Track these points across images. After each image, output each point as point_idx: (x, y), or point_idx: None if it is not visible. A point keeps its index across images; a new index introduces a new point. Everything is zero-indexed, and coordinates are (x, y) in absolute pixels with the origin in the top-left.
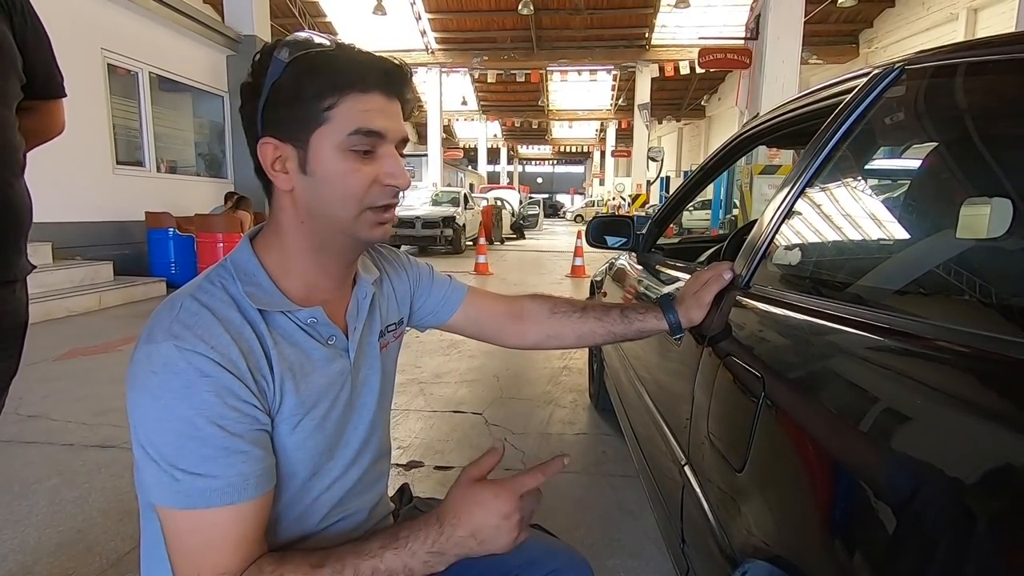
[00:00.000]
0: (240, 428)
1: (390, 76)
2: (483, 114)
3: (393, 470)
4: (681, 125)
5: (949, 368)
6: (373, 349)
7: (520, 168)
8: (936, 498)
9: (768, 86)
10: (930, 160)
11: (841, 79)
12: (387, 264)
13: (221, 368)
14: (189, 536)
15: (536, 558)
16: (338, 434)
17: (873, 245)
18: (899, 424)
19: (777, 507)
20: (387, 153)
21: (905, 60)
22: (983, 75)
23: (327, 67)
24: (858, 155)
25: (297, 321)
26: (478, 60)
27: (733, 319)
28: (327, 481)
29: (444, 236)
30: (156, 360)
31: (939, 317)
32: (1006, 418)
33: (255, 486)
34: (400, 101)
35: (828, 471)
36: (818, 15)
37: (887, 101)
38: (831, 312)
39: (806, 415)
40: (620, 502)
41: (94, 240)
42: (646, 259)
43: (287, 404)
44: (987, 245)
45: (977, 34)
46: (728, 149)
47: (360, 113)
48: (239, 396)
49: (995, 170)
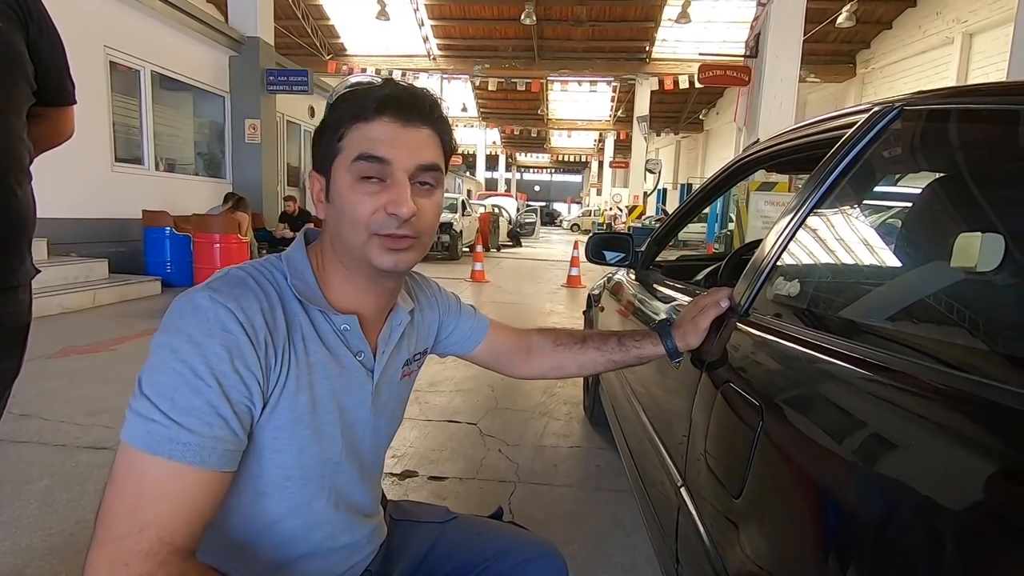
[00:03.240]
0: (235, 395)
1: (397, 102)
2: (483, 121)
3: (387, 480)
4: (679, 138)
5: (938, 405)
6: (396, 375)
7: (518, 176)
8: (930, 530)
9: (766, 104)
10: (924, 197)
11: (841, 113)
12: (421, 293)
13: (242, 329)
14: (144, 482)
15: (507, 549)
16: (340, 451)
17: (869, 280)
18: (892, 458)
19: (773, 535)
20: (396, 181)
21: (904, 100)
22: (974, 121)
23: (343, 101)
24: (857, 189)
25: (334, 325)
26: (479, 68)
27: (731, 346)
28: (320, 501)
29: (441, 242)
30: (187, 305)
31: (928, 354)
32: (989, 454)
33: (220, 457)
34: (429, 128)
35: (824, 502)
36: (817, 34)
37: (886, 138)
38: (827, 346)
39: (803, 446)
40: (613, 517)
41: (90, 237)
42: (644, 276)
43: (298, 398)
44: (977, 280)
45: (972, 58)
46: (728, 172)
47: (364, 140)
48: (247, 363)
49: (986, 208)
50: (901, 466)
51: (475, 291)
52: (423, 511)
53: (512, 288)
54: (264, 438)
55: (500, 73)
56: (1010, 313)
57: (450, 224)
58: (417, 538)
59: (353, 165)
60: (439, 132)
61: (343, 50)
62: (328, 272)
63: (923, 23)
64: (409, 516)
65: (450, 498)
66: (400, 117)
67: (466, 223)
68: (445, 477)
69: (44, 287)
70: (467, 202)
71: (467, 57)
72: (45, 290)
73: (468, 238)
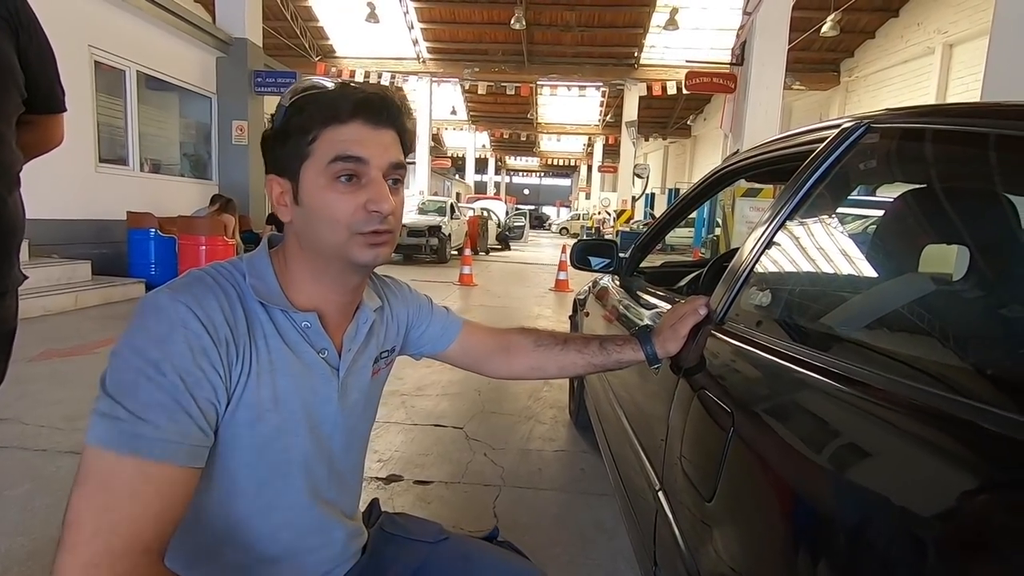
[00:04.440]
0: (198, 391)
1: (370, 105)
2: (472, 124)
3: (372, 484)
4: (667, 143)
5: (900, 416)
6: (365, 373)
7: (508, 179)
8: (892, 533)
9: (752, 111)
10: (892, 209)
11: (814, 128)
12: (389, 293)
13: (203, 327)
14: (112, 481)
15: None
16: (306, 450)
17: (837, 291)
18: (855, 466)
19: (743, 538)
20: (372, 180)
21: (871, 118)
22: (935, 139)
23: (311, 105)
24: (828, 201)
25: (294, 323)
26: (469, 71)
27: (707, 353)
28: (287, 500)
29: (429, 245)
30: (148, 305)
31: (891, 365)
32: (948, 462)
33: (187, 453)
34: (393, 130)
35: (791, 507)
36: (802, 43)
37: (854, 153)
38: (795, 355)
39: (771, 453)
40: (596, 520)
41: (73, 238)
42: (628, 283)
43: (260, 395)
44: (942, 292)
45: (952, 68)
46: (709, 182)
47: (338, 142)
48: (210, 359)
49: (948, 221)
50: (864, 474)
51: (463, 295)
52: (416, 527)
53: (500, 292)
54: (228, 435)
55: (490, 77)
56: (972, 324)
57: (438, 227)
58: (404, 557)
59: (329, 166)
60: (400, 132)
61: (332, 52)
62: (291, 272)
63: (905, 33)
64: (401, 531)
65: (435, 502)
66: (371, 119)
67: (455, 226)
68: (431, 481)
69: (26, 289)
70: (456, 205)
71: (457, 60)
72: (27, 292)
73: (456, 241)
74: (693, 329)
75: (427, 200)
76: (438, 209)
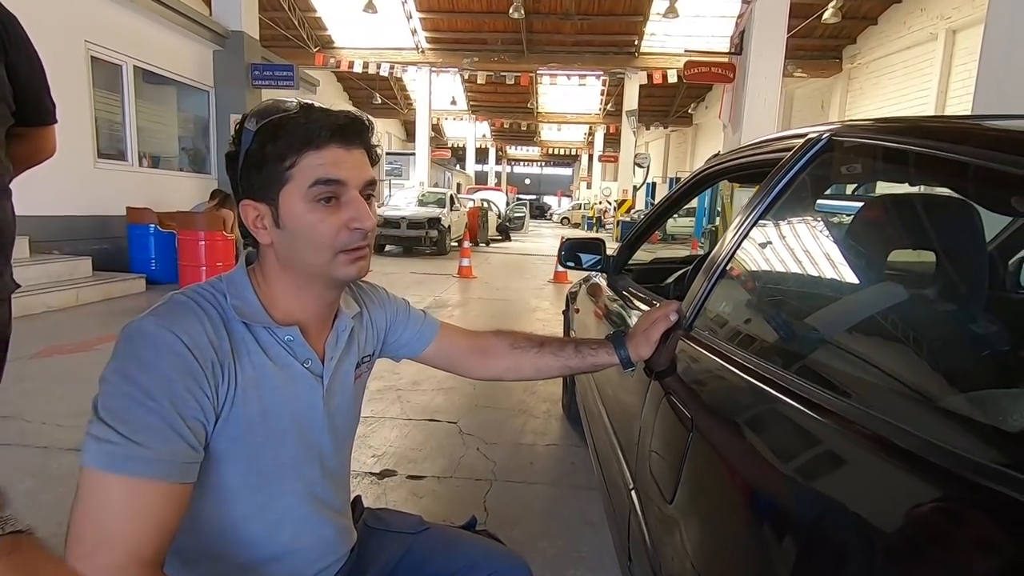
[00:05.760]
0: (187, 412)
1: (344, 129)
2: (472, 114)
3: (366, 479)
4: (668, 132)
5: (844, 432)
6: (348, 378)
7: (509, 169)
8: (837, 535)
9: (750, 101)
10: (851, 219)
11: (782, 136)
12: (367, 298)
13: (188, 351)
14: (108, 502)
15: (476, 562)
16: (297, 454)
17: (794, 304)
18: (801, 472)
19: (697, 540)
20: (352, 199)
21: (832, 130)
22: (890, 154)
23: (285, 131)
24: (791, 212)
25: (277, 338)
26: (468, 61)
27: (676, 358)
28: (281, 503)
29: (429, 237)
30: (134, 331)
31: (834, 379)
32: (882, 473)
33: (179, 470)
34: (363, 148)
35: (741, 513)
36: (804, 30)
37: (816, 163)
38: (749, 366)
39: (724, 459)
40: (584, 514)
41: (73, 234)
42: (615, 281)
43: (248, 410)
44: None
45: (955, 54)
46: (692, 182)
47: (317, 167)
48: (197, 381)
49: (910, 230)
50: (806, 484)
51: (462, 287)
52: (397, 520)
53: (500, 284)
54: (219, 449)
55: (489, 67)
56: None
57: (438, 219)
58: (389, 548)
59: (311, 190)
60: (368, 149)
61: (331, 43)
62: (272, 289)
63: (908, 19)
64: (383, 525)
65: (427, 497)
66: (345, 142)
67: (454, 218)
68: (423, 476)
69: (27, 286)
70: (455, 196)
71: (456, 51)
72: (28, 289)
73: (457, 233)
74: (665, 334)
75: (427, 192)
76: (437, 201)
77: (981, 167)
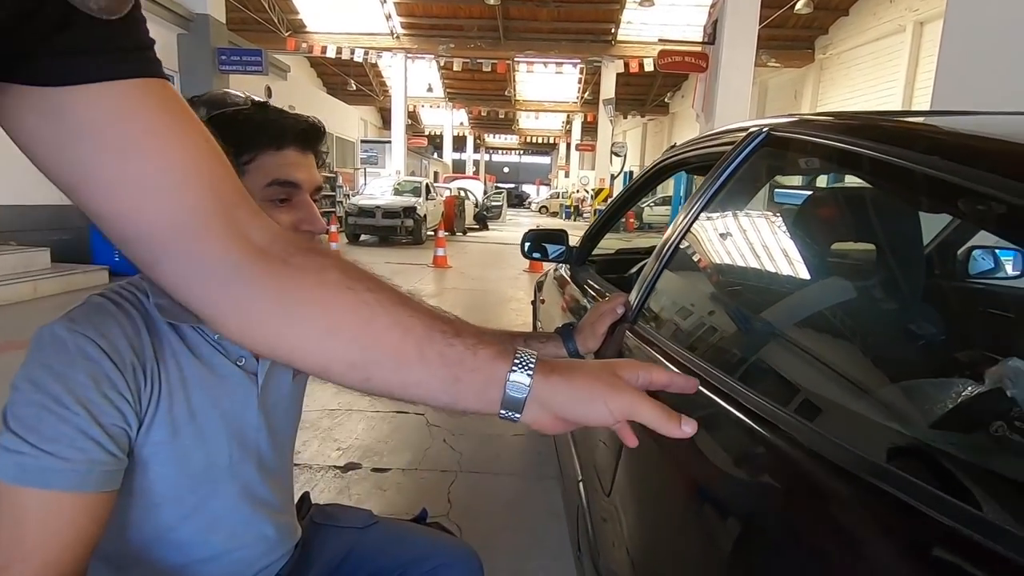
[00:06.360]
0: (105, 419)
1: (305, 134)
2: (449, 102)
3: (329, 473)
4: (645, 121)
5: (766, 431)
6: (286, 376)
7: (487, 157)
8: (757, 531)
9: (723, 91)
10: (791, 215)
11: (727, 130)
12: None
13: (105, 355)
14: (22, 514)
15: (425, 554)
16: (231, 455)
17: (725, 298)
18: (727, 470)
19: (629, 534)
20: (303, 202)
21: (771, 125)
22: (822, 152)
23: (242, 125)
24: (731, 205)
25: (207, 336)
26: (444, 47)
27: (622, 352)
28: (215, 504)
29: (405, 226)
30: (46, 336)
31: (759, 379)
32: (801, 472)
33: (98, 479)
34: (313, 153)
35: (670, 507)
36: (777, 20)
37: (756, 157)
38: (684, 362)
39: (656, 454)
40: (549, 504)
41: (30, 224)
42: (576, 272)
43: (173, 412)
44: (835, 307)
45: (923, 47)
46: (650, 174)
47: (275, 167)
48: (116, 387)
49: (842, 226)
50: (735, 479)
51: (437, 277)
52: (345, 515)
53: (476, 274)
54: (145, 454)
55: (465, 53)
56: (849, 330)
57: (413, 208)
58: (335, 543)
59: (266, 189)
60: (317, 156)
61: (303, 27)
62: None
63: (878, 11)
64: (330, 520)
65: (391, 490)
66: (303, 146)
67: (430, 207)
68: (388, 469)
69: None
70: (432, 185)
71: (432, 36)
72: None
73: (433, 222)
74: (612, 327)
75: (402, 180)
76: (413, 190)
77: (898, 166)
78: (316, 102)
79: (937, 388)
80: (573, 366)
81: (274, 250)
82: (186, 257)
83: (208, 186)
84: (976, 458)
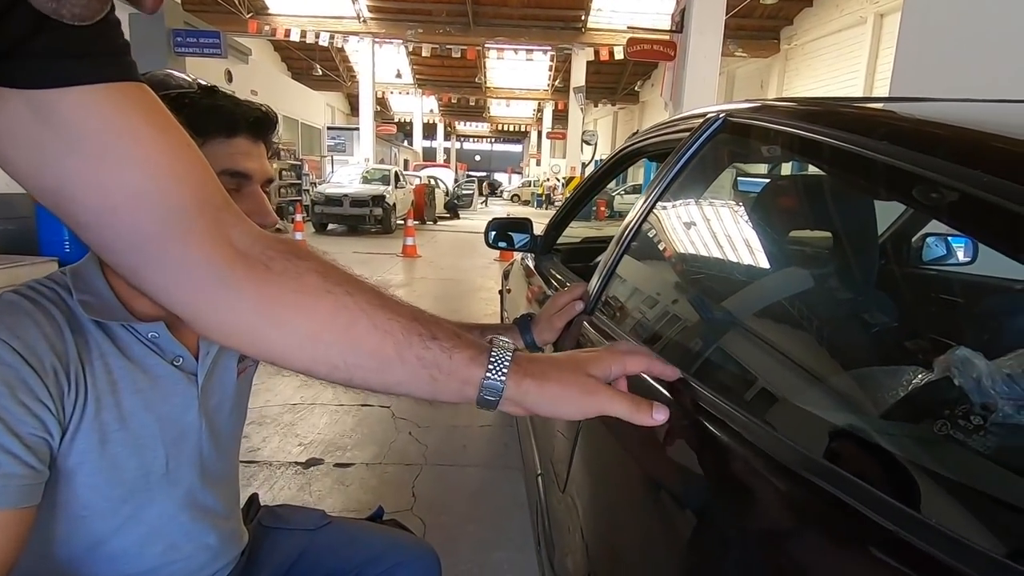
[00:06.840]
0: (22, 428)
1: (258, 122)
2: (419, 88)
3: (290, 470)
4: (616, 109)
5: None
6: (229, 374)
7: (458, 145)
8: (707, 530)
9: (691, 79)
10: (751, 202)
11: (686, 116)
12: None
13: (22, 359)
14: None
15: (380, 554)
16: (168, 461)
17: (679, 289)
18: (675, 467)
19: (582, 530)
20: (252, 192)
21: (727, 111)
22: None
23: (189, 110)
24: (688, 191)
25: (139, 335)
26: (412, 32)
27: (580, 343)
28: (152, 513)
29: (374, 215)
30: None
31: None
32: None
33: (15, 493)
34: (264, 143)
35: (622, 504)
36: (744, 9)
37: (712, 143)
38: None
39: (609, 451)
40: (515, 496)
41: None
42: (540, 261)
43: (102, 418)
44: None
45: (883, 38)
46: (614, 160)
47: (226, 156)
48: (34, 393)
49: (797, 213)
50: (687, 475)
51: (406, 267)
52: (295, 517)
53: (445, 264)
54: (70, 464)
55: (434, 39)
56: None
57: (382, 197)
58: (286, 546)
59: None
60: (268, 146)
61: (265, 9)
62: None
63: (840, 2)
64: (280, 523)
65: (354, 485)
66: (255, 135)
67: (400, 195)
68: (351, 463)
69: None
70: (401, 173)
71: (399, 21)
72: None
73: (403, 211)
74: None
75: (371, 169)
76: (382, 178)
77: (850, 152)
78: (280, 87)
79: (888, 376)
80: (546, 368)
81: (255, 253)
82: (169, 262)
83: (190, 190)
84: (918, 457)
